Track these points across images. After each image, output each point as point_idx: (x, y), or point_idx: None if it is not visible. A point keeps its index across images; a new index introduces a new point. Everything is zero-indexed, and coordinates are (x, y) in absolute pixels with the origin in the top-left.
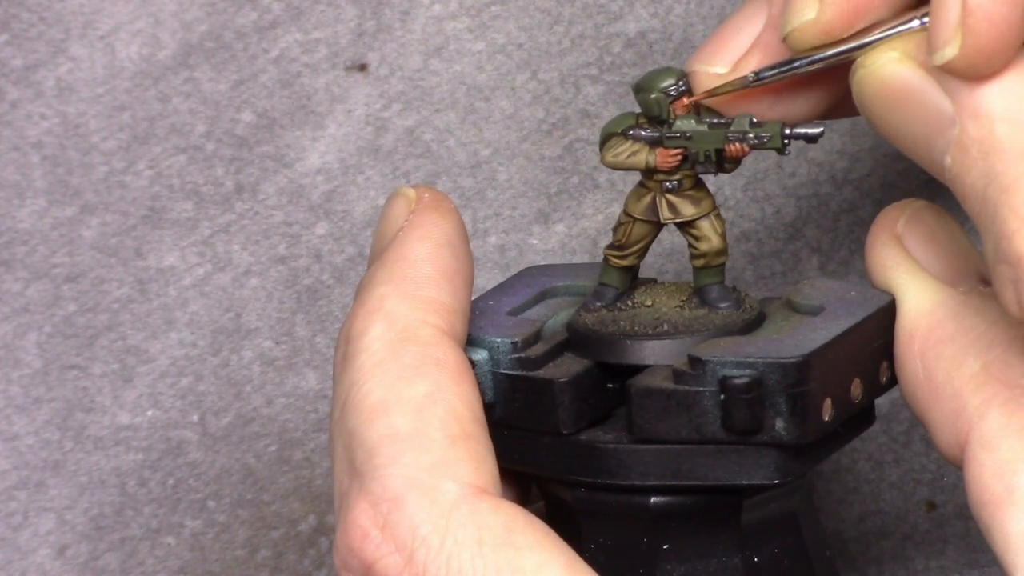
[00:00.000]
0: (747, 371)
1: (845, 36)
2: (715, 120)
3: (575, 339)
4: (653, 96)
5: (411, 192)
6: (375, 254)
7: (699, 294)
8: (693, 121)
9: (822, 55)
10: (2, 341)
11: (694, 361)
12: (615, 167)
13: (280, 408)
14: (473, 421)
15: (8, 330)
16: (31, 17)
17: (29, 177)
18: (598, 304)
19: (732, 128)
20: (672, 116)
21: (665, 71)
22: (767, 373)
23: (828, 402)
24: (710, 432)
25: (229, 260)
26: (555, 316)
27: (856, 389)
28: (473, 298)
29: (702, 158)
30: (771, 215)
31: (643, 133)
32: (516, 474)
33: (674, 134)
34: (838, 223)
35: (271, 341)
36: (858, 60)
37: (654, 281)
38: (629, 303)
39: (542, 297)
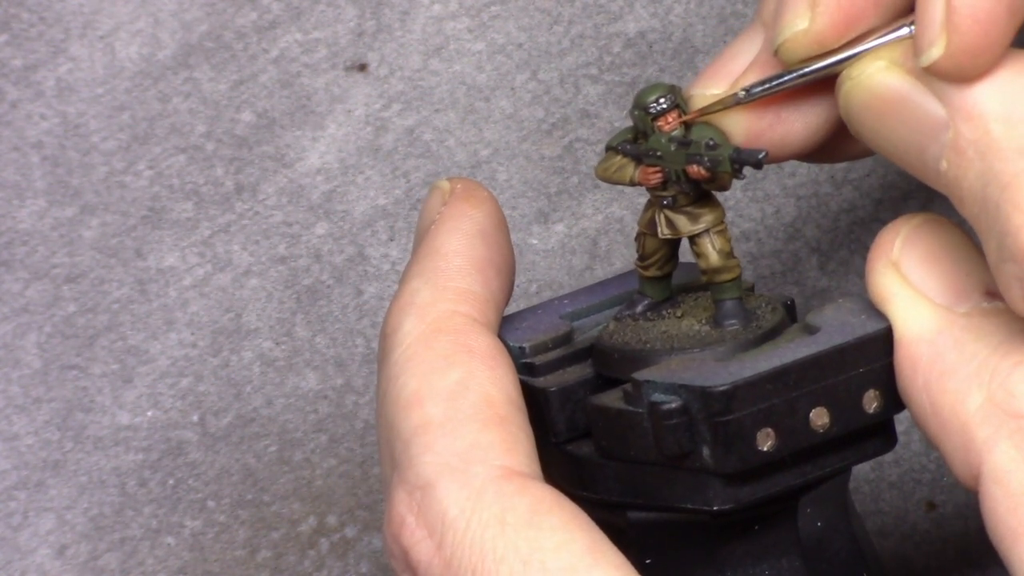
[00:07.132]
0: (672, 397)
1: (836, 46)
2: (681, 140)
3: (592, 349)
4: (636, 112)
5: (446, 184)
6: (414, 249)
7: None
8: (664, 140)
9: (812, 67)
10: (2, 341)
11: (635, 383)
12: (604, 180)
13: (280, 408)
14: (507, 404)
15: (8, 330)
16: (31, 17)
17: (29, 177)
18: (626, 313)
19: (690, 150)
20: (654, 133)
21: (654, 87)
22: (690, 400)
23: (768, 432)
24: (650, 454)
25: (229, 260)
26: (606, 324)
27: (820, 419)
28: (562, 294)
29: (674, 177)
30: (771, 215)
31: (628, 148)
32: None
33: (649, 152)
34: (838, 223)
35: (271, 341)
36: (843, 73)
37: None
38: (663, 314)
39: (619, 301)
